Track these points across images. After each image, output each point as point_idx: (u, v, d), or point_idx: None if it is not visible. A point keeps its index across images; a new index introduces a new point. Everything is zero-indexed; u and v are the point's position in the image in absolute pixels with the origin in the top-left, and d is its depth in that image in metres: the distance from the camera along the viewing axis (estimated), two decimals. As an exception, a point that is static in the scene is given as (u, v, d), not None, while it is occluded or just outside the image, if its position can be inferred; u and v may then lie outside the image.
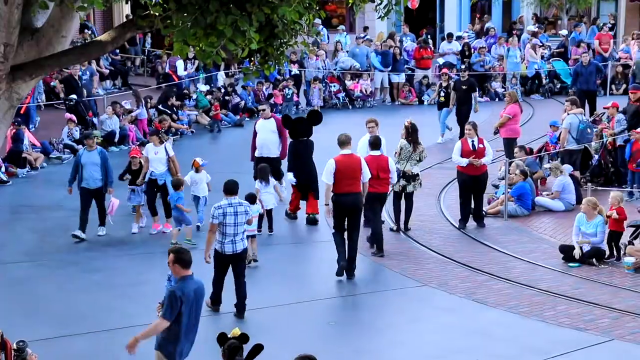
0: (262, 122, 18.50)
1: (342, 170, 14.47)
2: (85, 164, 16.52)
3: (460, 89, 24.22)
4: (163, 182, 16.90)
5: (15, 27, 7.17)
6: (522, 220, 17.73)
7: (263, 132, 18.30)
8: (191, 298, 9.20)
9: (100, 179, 16.50)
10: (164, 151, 17.01)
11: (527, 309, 13.23)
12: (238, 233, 12.71)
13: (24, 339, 9.33)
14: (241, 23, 7.05)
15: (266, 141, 18.25)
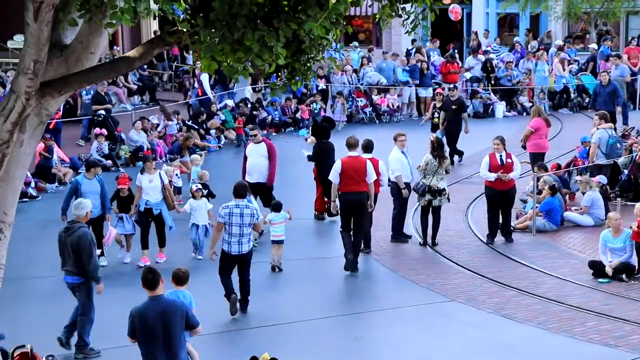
0: (253, 146, 17.91)
1: (348, 171, 15.52)
2: (85, 193, 15.42)
3: (449, 109, 23.31)
4: (159, 212, 16.05)
5: (45, 44, 7.23)
6: (550, 236, 17.62)
7: (253, 157, 17.66)
8: (149, 318, 9.23)
9: (98, 208, 15.60)
10: (159, 179, 16.21)
11: (556, 325, 13.13)
12: (244, 234, 13.45)
13: (53, 354, 9.36)
14: (268, 39, 7.07)
15: (257, 166, 17.59)
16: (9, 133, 7.45)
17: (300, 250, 16.72)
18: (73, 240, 12.17)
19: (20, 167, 8.20)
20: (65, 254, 12.28)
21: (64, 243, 12.29)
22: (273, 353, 12.21)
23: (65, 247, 12.24)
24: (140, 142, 24.37)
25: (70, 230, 12.30)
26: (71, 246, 12.16)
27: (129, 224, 16.20)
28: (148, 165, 16.48)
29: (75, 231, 12.23)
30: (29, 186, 20.23)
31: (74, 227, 12.34)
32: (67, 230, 12.33)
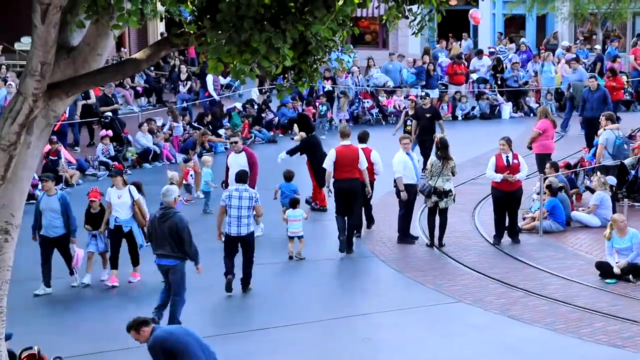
0: (233, 156, 17.40)
1: (341, 159, 16.55)
2: (43, 210, 14.80)
3: (423, 117, 21.99)
4: (129, 229, 15.06)
5: (52, 46, 7.26)
6: (557, 236, 17.59)
7: (234, 167, 16.81)
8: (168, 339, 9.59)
9: (61, 227, 14.80)
10: (128, 194, 15.16)
11: (563, 326, 13.11)
12: (241, 216, 14.42)
13: (60, 355, 9.38)
14: (275, 40, 7.08)
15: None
16: (17, 135, 7.48)
17: (305, 251, 16.72)
18: (171, 225, 12.85)
19: (28, 169, 8.22)
20: (160, 238, 12.92)
21: (158, 229, 12.95)
22: (280, 354, 12.27)
23: (161, 232, 12.89)
24: (146, 144, 24.38)
25: (165, 216, 12.94)
26: (169, 231, 12.84)
27: (102, 242, 15.26)
28: (116, 180, 15.42)
29: (172, 217, 12.92)
30: (36, 188, 20.23)
31: (168, 213, 13.00)
32: (162, 217, 12.96)
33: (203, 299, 14.16)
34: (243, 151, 17.45)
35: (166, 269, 13.00)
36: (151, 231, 13.21)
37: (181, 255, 12.92)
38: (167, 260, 12.94)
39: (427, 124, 21.87)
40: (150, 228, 13.31)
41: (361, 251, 16.96)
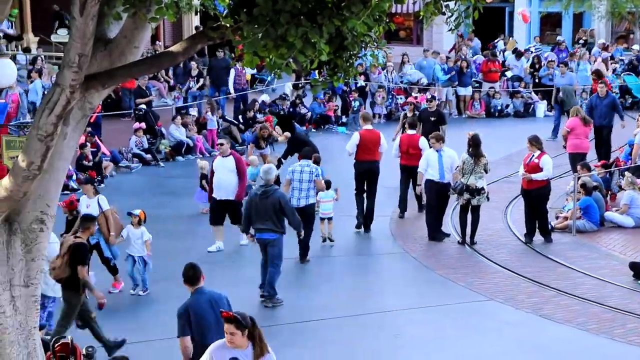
0: (220, 160, 16.65)
1: (365, 142, 17.63)
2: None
3: (427, 122, 20.85)
4: (96, 242, 14.13)
5: (90, 38, 7.29)
6: (590, 236, 17.48)
7: (220, 171, 16.40)
8: (201, 309, 9.35)
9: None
10: (96, 205, 14.46)
11: (595, 326, 13.04)
12: (302, 189, 15.70)
13: (92, 345, 9.46)
14: (311, 35, 7.06)
15: (223, 182, 16.35)
16: (54, 126, 7.52)
17: (336, 247, 16.75)
18: (274, 201, 13.80)
19: (63, 160, 8.27)
20: (262, 214, 13.79)
21: (258, 205, 13.86)
22: (310, 350, 12.29)
23: (263, 208, 13.78)
24: (180, 137, 24.48)
25: (267, 193, 13.87)
26: (272, 207, 13.75)
27: None
28: (85, 188, 14.91)
29: (273, 193, 13.90)
30: (71, 179, 20.40)
31: (270, 190, 13.95)
32: (264, 194, 13.87)
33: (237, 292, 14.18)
34: (231, 155, 16.57)
35: (266, 242, 13.89)
36: (250, 208, 14.00)
37: (281, 229, 13.89)
38: (269, 235, 13.86)
39: (432, 128, 20.22)
40: (249, 205, 14.08)
41: (392, 248, 16.96)
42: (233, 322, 8.13)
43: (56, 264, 11.76)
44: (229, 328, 8.15)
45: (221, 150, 16.82)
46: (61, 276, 11.73)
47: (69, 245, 11.85)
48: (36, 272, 8.30)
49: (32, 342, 8.39)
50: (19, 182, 7.59)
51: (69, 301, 11.77)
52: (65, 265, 11.69)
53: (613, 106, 22.44)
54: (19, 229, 8.17)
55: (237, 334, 8.14)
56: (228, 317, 8.15)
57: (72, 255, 11.74)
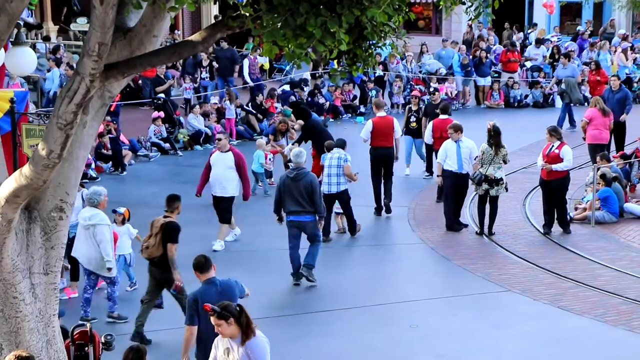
0: (218, 154, 16.01)
1: (378, 129, 18.13)
2: None
3: (433, 114, 20.48)
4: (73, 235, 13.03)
5: (110, 27, 7.30)
6: (609, 227, 17.40)
7: (218, 167, 15.87)
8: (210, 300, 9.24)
9: None
10: (80, 200, 13.53)
11: (614, 318, 12.99)
12: (331, 175, 16.22)
13: (111, 333, 9.49)
14: (331, 25, 7.05)
15: (220, 177, 15.83)
16: (73, 114, 7.54)
17: (357, 238, 16.76)
18: (306, 183, 14.17)
19: (83, 148, 8.31)
20: (294, 197, 14.15)
21: (290, 187, 14.21)
22: (329, 338, 12.31)
23: (296, 190, 14.14)
24: (198, 126, 24.51)
25: (299, 175, 14.25)
26: (305, 189, 14.13)
27: None
28: None
29: (305, 176, 14.30)
30: (90, 167, 20.48)
31: (301, 173, 14.33)
32: (296, 177, 14.25)
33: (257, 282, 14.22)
34: (230, 151, 15.98)
35: (301, 224, 14.26)
36: (282, 191, 14.31)
37: (313, 210, 14.18)
38: (303, 217, 14.23)
39: None
40: (281, 187, 14.37)
41: (410, 237, 16.94)
42: (214, 314, 8.29)
43: (149, 243, 12.31)
44: (213, 320, 8.33)
45: (219, 145, 16.14)
46: (155, 255, 12.27)
47: (161, 225, 12.32)
48: (55, 260, 8.35)
49: (52, 329, 8.45)
50: (38, 170, 7.63)
51: (166, 278, 12.26)
52: (158, 244, 12.21)
53: (625, 99, 22.23)
54: (38, 217, 8.22)
55: (222, 324, 8.31)
56: (207, 310, 8.34)
57: (164, 233, 12.25)
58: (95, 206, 12.88)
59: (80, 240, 12.88)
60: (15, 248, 8.02)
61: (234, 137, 25.33)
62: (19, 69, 12.53)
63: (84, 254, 12.85)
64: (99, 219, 12.77)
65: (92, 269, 12.80)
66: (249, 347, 8.33)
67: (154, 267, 12.36)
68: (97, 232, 12.69)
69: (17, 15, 7.58)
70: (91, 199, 12.92)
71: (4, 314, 8.13)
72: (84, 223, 12.80)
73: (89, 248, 12.75)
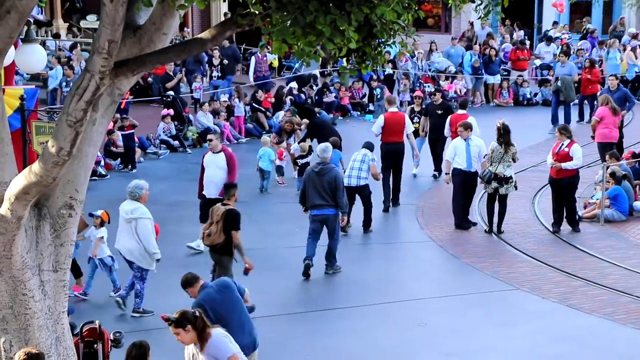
0: (210, 156, 15.76)
1: (390, 124, 18.46)
2: None
3: (434, 114, 20.47)
4: None
5: (120, 24, 7.31)
6: (619, 226, 17.36)
7: (210, 168, 15.60)
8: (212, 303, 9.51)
9: None
10: None
11: (623, 316, 12.97)
12: (354, 168, 16.67)
13: (120, 330, 9.52)
14: (340, 22, 7.05)
15: (213, 178, 15.48)
16: (83, 112, 7.55)
17: (362, 234, 16.76)
18: (330, 179, 14.49)
19: (92, 146, 8.32)
20: (318, 191, 14.47)
21: (315, 182, 14.53)
22: (336, 336, 12.30)
23: (320, 185, 14.46)
24: (207, 124, 24.53)
25: (324, 170, 14.58)
26: (328, 185, 14.44)
27: None
28: None
29: (330, 171, 14.60)
30: (99, 165, 20.52)
31: (326, 168, 14.66)
32: (321, 171, 14.58)
33: (264, 281, 14.26)
34: (222, 152, 15.71)
35: (324, 218, 14.54)
36: (307, 184, 14.65)
37: (335, 204, 14.47)
38: (327, 210, 14.52)
39: (439, 121, 20.11)
40: (307, 181, 14.70)
41: (418, 235, 16.94)
42: (170, 323, 8.40)
43: (211, 230, 12.76)
44: (171, 330, 8.44)
45: (211, 145, 15.84)
46: (217, 242, 12.74)
47: (222, 213, 12.71)
48: (65, 257, 8.36)
49: (61, 326, 8.46)
50: (48, 167, 7.64)
51: (222, 264, 12.77)
52: (220, 231, 12.65)
53: (625, 99, 22.17)
54: (48, 214, 8.24)
55: (180, 332, 8.42)
56: (165, 320, 8.44)
57: (226, 221, 12.66)
58: (137, 199, 13.05)
59: (122, 232, 13.08)
60: (24, 245, 8.04)
61: (242, 134, 25.38)
62: (29, 66, 12.58)
63: (125, 246, 13.04)
64: (140, 213, 12.97)
65: (133, 259, 13.02)
66: (210, 348, 8.45)
67: (216, 253, 12.86)
68: (139, 226, 12.90)
69: (27, 12, 7.59)
70: (132, 193, 13.07)
71: (14, 311, 8.15)
72: (126, 216, 13.01)
73: (130, 240, 12.96)
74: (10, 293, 8.10)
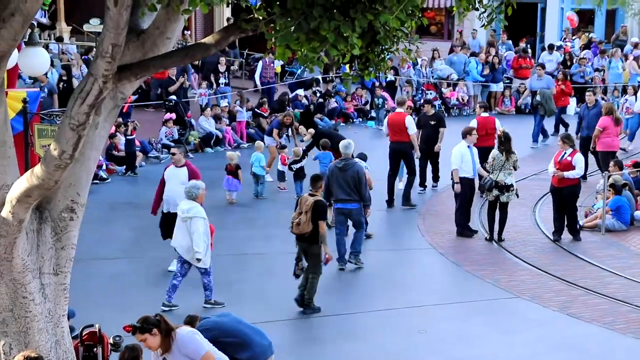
0: (172, 169, 15.09)
1: (392, 125, 19.23)
2: None
3: (427, 125, 20.01)
4: None
5: (124, 28, 7.31)
6: (620, 235, 17.35)
7: (172, 182, 14.88)
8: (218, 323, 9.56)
9: None
10: None
11: (623, 326, 12.95)
12: None
13: (120, 334, 9.50)
14: (344, 29, 7.05)
15: (174, 193, 14.67)
16: (86, 115, 7.55)
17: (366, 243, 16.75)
18: (353, 174, 15.01)
19: (95, 149, 8.33)
20: (342, 186, 15.02)
21: (338, 177, 15.12)
22: (334, 344, 12.28)
23: (344, 180, 15.02)
24: (209, 128, 24.54)
25: (347, 166, 15.20)
26: (352, 179, 14.97)
27: None
28: None
29: (353, 166, 15.20)
30: (101, 168, 20.53)
31: (349, 163, 15.29)
32: (344, 167, 15.19)
33: (267, 285, 14.26)
34: (185, 166, 14.97)
35: (348, 211, 15.14)
36: (331, 180, 15.13)
37: (359, 198, 15.03)
38: (351, 204, 15.09)
39: (432, 132, 19.87)
40: (330, 176, 15.19)
41: (419, 243, 16.93)
42: (136, 331, 8.36)
43: (300, 219, 13.29)
44: (137, 337, 8.40)
45: (174, 159, 15.27)
46: (305, 230, 13.25)
47: (311, 203, 13.25)
48: (65, 260, 8.36)
49: (61, 329, 8.46)
50: (50, 170, 7.64)
51: (312, 253, 13.35)
52: (309, 221, 13.19)
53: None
54: (49, 218, 8.24)
55: (147, 337, 8.39)
56: (129, 330, 8.40)
57: (314, 211, 13.20)
58: (194, 199, 13.33)
59: (178, 231, 13.43)
60: (25, 248, 8.04)
61: (244, 139, 25.38)
62: (32, 69, 12.59)
63: (181, 244, 13.37)
64: (195, 212, 13.25)
65: (188, 259, 13.29)
66: (181, 348, 8.42)
67: (304, 242, 13.36)
68: (192, 224, 13.17)
69: (31, 15, 7.60)
70: (190, 192, 13.35)
71: (14, 313, 8.14)
72: (182, 215, 13.33)
73: (184, 239, 13.27)
74: (10, 296, 8.10)
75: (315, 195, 13.47)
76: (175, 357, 8.45)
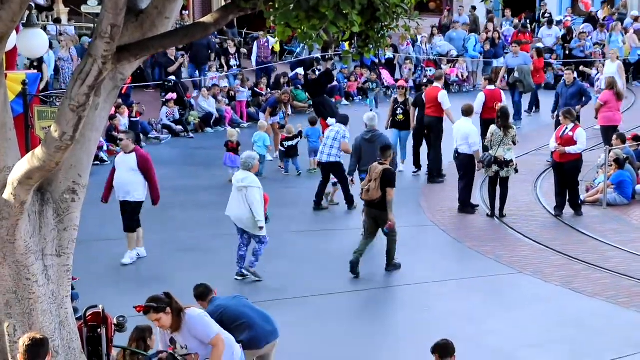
0: (122, 156, 14.67)
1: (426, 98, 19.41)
2: None
3: (422, 106, 19.57)
4: None
5: (122, 9, 7.29)
6: (621, 210, 17.36)
7: (121, 170, 14.47)
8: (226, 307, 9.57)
9: None
10: None
11: (626, 300, 12.98)
12: (326, 145, 17.29)
13: (124, 314, 9.51)
14: (343, 6, 7.03)
15: (123, 180, 14.43)
16: (86, 96, 7.54)
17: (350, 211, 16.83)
18: (380, 144, 15.08)
19: (95, 130, 8.32)
20: (369, 157, 15.42)
21: (366, 148, 15.92)
22: (337, 322, 12.30)
23: (370, 151, 15.55)
24: (208, 108, 24.50)
25: (374, 137, 16.01)
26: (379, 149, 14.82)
27: None
28: None
29: (379, 137, 16.02)
30: (101, 150, 20.51)
31: (376, 135, 16.13)
32: (371, 138, 16.00)
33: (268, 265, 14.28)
34: (133, 152, 14.52)
35: None
36: (358, 151, 15.94)
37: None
38: None
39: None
40: (357, 149, 15.97)
41: (421, 220, 16.93)
42: (149, 311, 8.37)
43: (370, 186, 13.89)
44: (151, 317, 8.41)
45: (122, 145, 14.85)
46: (374, 197, 13.85)
47: (380, 171, 13.83)
48: (68, 241, 8.37)
49: (64, 311, 8.48)
50: (51, 152, 7.63)
51: (383, 219, 13.93)
52: (377, 188, 13.77)
53: (581, 94, 20.79)
54: (51, 199, 8.24)
55: (161, 317, 8.40)
56: (141, 310, 8.41)
57: (383, 179, 13.78)
58: (249, 169, 13.67)
59: (233, 200, 13.70)
60: (28, 230, 8.04)
61: (244, 119, 25.35)
62: (31, 51, 12.57)
63: (235, 213, 13.65)
64: (250, 181, 13.56)
65: (243, 227, 13.62)
66: (190, 328, 8.45)
67: (372, 208, 13.98)
68: (249, 194, 13.44)
69: (29, -4, 7.58)
70: (246, 163, 13.69)
71: (17, 295, 8.16)
72: (237, 185, 13.65)
73: (240, 208, 13.56)
74: (14, 278, 8.11)
75: (384, 164, 13.95)
76: (185, 337, 8.48)
